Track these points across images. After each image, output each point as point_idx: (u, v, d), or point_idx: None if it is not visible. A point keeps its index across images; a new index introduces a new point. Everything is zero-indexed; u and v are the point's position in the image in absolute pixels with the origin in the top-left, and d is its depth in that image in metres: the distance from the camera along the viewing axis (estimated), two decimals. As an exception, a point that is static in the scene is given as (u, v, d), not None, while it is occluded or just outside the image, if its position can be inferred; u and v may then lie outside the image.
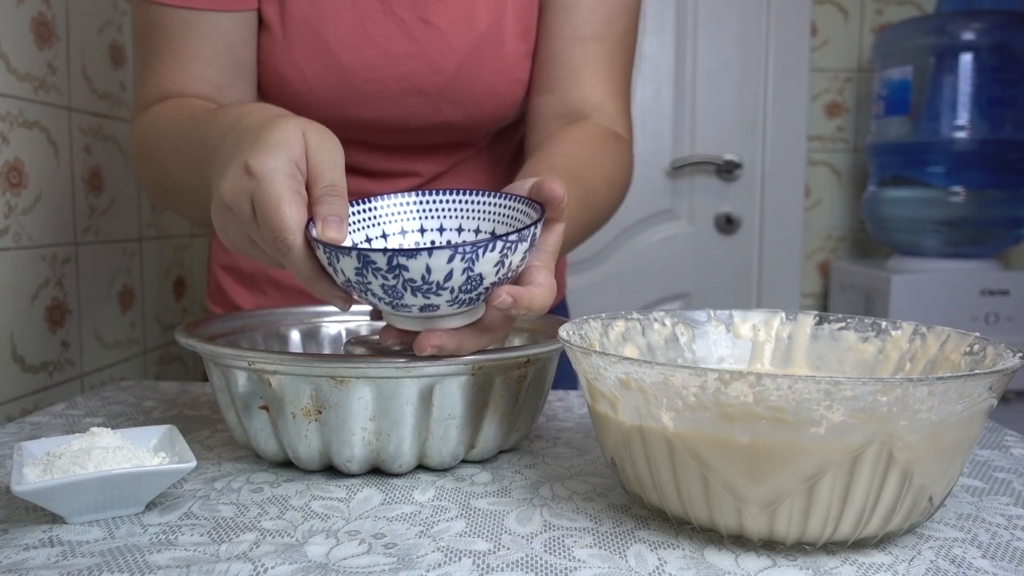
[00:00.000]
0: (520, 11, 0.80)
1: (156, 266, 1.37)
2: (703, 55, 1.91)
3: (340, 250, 0.47)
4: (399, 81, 0.78)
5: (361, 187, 0.84)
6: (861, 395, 0.39)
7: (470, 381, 0.55)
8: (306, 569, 0.42)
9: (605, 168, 0.77)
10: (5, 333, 0.96)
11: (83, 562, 0.43)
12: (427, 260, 0.45)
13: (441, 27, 0.78)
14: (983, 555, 0.45)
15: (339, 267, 0.48)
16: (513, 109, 0.84)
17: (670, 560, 0.43)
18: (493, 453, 0.59)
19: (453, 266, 0.46)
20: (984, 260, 1.74)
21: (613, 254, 1.94)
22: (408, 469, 0.56)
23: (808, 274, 2.04)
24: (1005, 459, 0.62)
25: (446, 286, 0.47)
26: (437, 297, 0.48)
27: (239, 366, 0.55)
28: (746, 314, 0.62)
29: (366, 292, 0.49)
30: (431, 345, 0.50)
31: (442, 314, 0.50)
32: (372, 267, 0.46)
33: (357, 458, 0.55)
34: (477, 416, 0.56)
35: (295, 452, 0.56)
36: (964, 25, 1.67)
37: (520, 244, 0.48)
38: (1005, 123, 1.68)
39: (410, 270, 0.46)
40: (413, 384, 0.53)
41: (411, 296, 0.48)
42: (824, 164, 2.02)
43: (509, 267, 0.48)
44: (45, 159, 1.04)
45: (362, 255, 0.46)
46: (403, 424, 0.54)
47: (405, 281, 0.46)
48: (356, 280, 0.48)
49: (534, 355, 0.57)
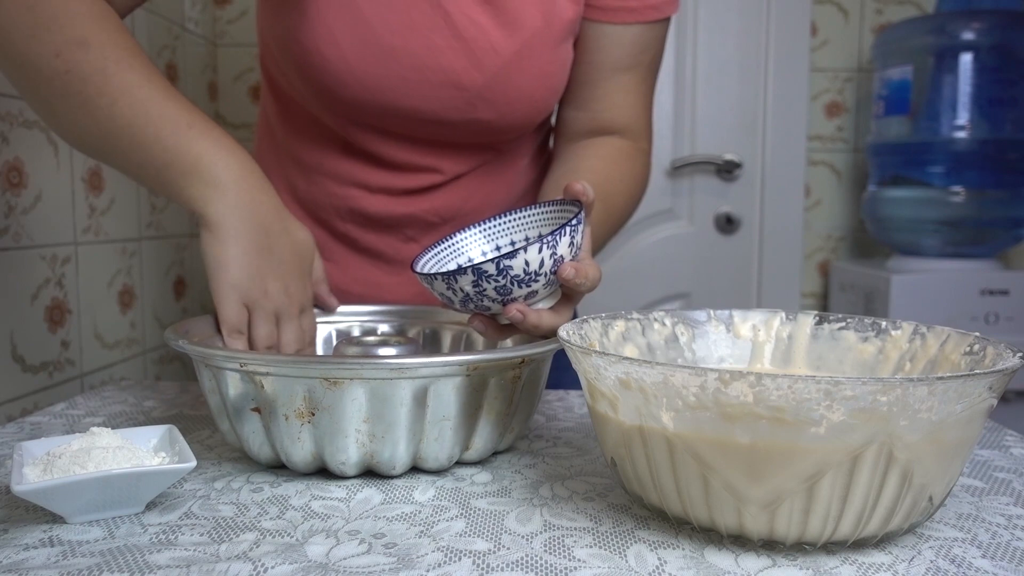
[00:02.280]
0: (566, 21, 0.81)
1: (156, 266, 1.37)
2: (703, 55, 1.91)
3: (457, 272, 0.57)
4: (438, 72, 0.78)
5: (381, 180, 0.84)
6: (861, 395, 0.39)
7: (465, 382, 0.55)
8: (306, 569, 0.42)
9: (625, 183, 0.83)
10: (5, 333, 0.96)
11: (83, 562, 0.43)
12: (524, 256, 0.56)
13: (487, 27, 0.78)
14: (983, 555, 0.45)
15: (458, 287, 0.58)
16: (542, 115, 0.85)
17: (670, 560, 0.43)
18: (487, 454, 0.59)
19: (543, 255, 0.57)
20: (984, 260, 1.73)
21: (613, 254, 1.94)
22: (403, 471, 0.56)
23: (808, 274, 2.04)
24: (1005, 459, 0.62)
25: (541, 272, 0.57)
26: (536, 283, 0.58)
27: (230, 368, 0.54)
28: (746, 314, 0.62)
29: (482, 299, 0.58)
30: (516, 309, 0.58)
31: (538, 298, 0.60)
32: (485, 275, 0.57)
33: (351, 461, 0.54)
34: (471, 417, 0.56)
35: (288, 455, 0.55)
36: (964, 25, 1.67)
37: (580, 225, 0.59)
38: (1005, 123, 1.68)
39: (514, 268, 0.56)
40: (407, 385, 0.53)
41: (518, 288, 0.58)
42: (824, 164, 2.02)
43: (577, 246, 0.59)
44: (45, 159, 1.04)
45: (476, 269, 0.56)
46: (397, 426, 0.54)
47: (512, 278, 0.57)
48: (474, 292, 0.58)
49: (528, 356, 0.57)
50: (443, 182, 0.85)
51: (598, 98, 0.86)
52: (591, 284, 0.60)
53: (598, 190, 0.76)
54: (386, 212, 0.85)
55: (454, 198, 0.85)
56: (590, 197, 0.61)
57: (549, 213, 0.65)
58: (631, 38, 0.84)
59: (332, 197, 0.85)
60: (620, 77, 0.85)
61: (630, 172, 0.85)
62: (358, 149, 0.83)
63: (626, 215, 0.85)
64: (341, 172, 0.84)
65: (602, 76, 0.85)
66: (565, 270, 0.58)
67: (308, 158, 0.85)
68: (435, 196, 0.85)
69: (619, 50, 0.84)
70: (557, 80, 0.83)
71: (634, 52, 0.85)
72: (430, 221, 0.86)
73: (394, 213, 0.85)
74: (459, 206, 0.86)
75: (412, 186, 0.84)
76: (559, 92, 0.85)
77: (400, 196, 0.84)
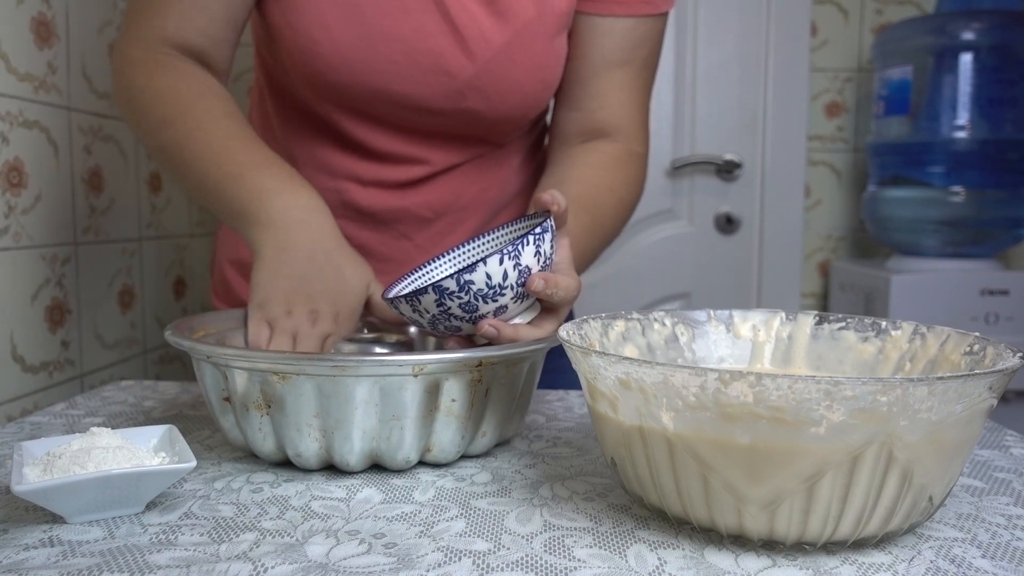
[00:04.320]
0: (559, 13, 0.81)
1: (156, 266, 1.37)
2: (703, 55, 1.91)
3: (419, 292, 0.56)
4: (428, 57, 0.78)
5: (372, 172, 0.84)
6: (861, 395, 0.39)
7: (413, 382, 0.54)
8: (306, 569, 0.42)
9: (615, 192, 0.82)
10: (5, 333, 0.96)
11: (83, 562, 0.43)
12: (485, 268, 0.55)
13: (479, 16, 0.78)
14: (983, 555, 0.45)
15: (422, 308, 0.57)
16: (536, 109, 0.84)
17: (670, 560, 0.43)
18: (454, 457, 0.59)
19: (505, 266, 0.55)
20: (984, 260, 1.73)
21: (613, 254, 1.94)
22: (360, 468, 0.57)
23: (808, 274, 2.04)
24: (1005, 459, 0.62)
25: (506, 284, 0.56)
26: (503, 297, 0.56)
27: (203, 360, 0.57)
28: (746, 314, 0.62)
29: (449, 318, 0.57)
30: (488, 324, 0.58)
31: (511, 314, 0.59)
32: (447, 293, 0.55)
33: (306, 454, 0.56)
34: (427, 418, 0.56)
35: (254, 446, 0.57)
36: (964, 25, 1.67)
37: (545, 234, 0.57)
38: (1005, 123, 1.68)
39: (476, 282, 0.55)
40: (354, 383, 0.53)
41: (483, 304, 0.56)
42: (824, 164, 2.01)
43: (545, 255, 0.58)
44: (45, 159, 1.04)
45: (437, 287, 0.55)
46: (347, 423, 0.54)
47: (475, 293, 0.56)
48: (438, 312, 0.57)
49: (486, 358, 0.56)
50: (433, 174, 0.84)
51: (591, 96, 0.85)
52: (565, 294, 0.59)
53: (586, 200, 0.77)
54: (379, 205, 0.85)
55: (446, 192, 0.85)
56: (561, 206, 0.60)
57: (521, 230, 0.64)
58: (622, 32, 0.83)
59: (326, 191, 0.85)
60: (612, 73, 0.84)
61: (621, 179, 0.84)
62: (349, 140, 0.83)
63: (618, 222, 0.84)
64: (334, 165, 0.84)
65: (594, 72, 0.84)
66: (534, 281, 0.57)
67: (301, 152, 0.85)
68: (427, 189, 0.85)
69: (609, 44, 0.83)
70: (550, 73, 0.83)
71: (626, 47, 0.84)
72: (423, 216, 0.85)
73: (387, 206, 0.85)
74: (451, 201, 0.86)
75: (403, 178, 0.84)
76: (552, 86, 0.84)
77: (392, 189, 0.84)
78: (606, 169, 0.82)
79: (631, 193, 0.85)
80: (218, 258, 0.94)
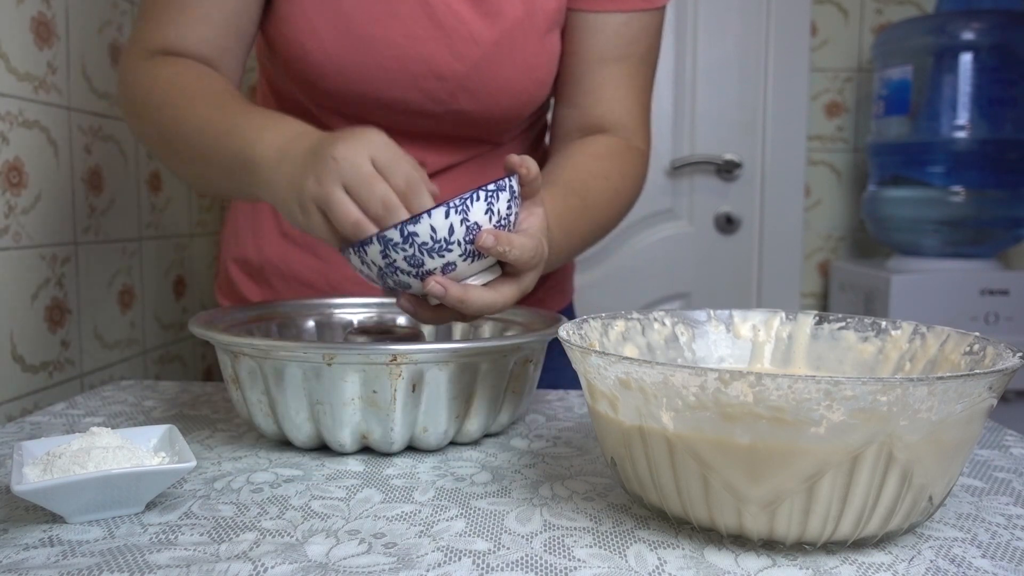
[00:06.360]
0: (549, 11, 0.80)
1: (156, 266, 1.37)
2: (703, 55, 1.91)
3: (364, 243, 0.54)
4: (419, 62, 0.77)
5: None
6: (861, 395, 0.39)
7: (325, 370, 0.57)
8: (306, 569, 0.42)
9: (610, 181, 0.80)
10: (5, 333, 0.96)
11: (83, 562, 0.43)
12: (430, 221, 0.53)
13: (468, 17, 0.78)
14: (983, 555, 0.45)
15: (369, 260, 0.55)
16: (529, 108, 0.84)
17: (670, 560, 0.43)
18: (398, 448, 0.61)
19: (451, 220, 0.53)
20: (984, 260, 1.73)
21: (613, 254, 1.94)
22: (310, 447, 0.61)
23: (808, 274, 2.04)
24: (1005, 459, 0.62)
25: (453, 240, 0.54)
26: (450, 253, 0.54)
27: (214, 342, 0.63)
28: (746, 314, 0.62)
29: (395, 272, 0.55)
30: (435, 281, 0.55)
31: (463, 274, 0.57)
32: (391, 244, 0.53)
33: (263, 428, 0.62)
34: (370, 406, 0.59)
35: (254, 420, 0.63)
36: (964, 25, 1.67)
37: (501, 192, 0.55)
38: (1005, 123, 1.68)
39: (419, 234, 0.53)
40: (296, 367, 0.58)
41: (430, 259, 0.54)
42: (824, 164, 2.01)
43: (499, 214, 0.56)
44: (45, 159, 1.04)
45: (381, 237, 0.53)
46: (292, 404, 0.59)
47: (420, 246, 0.54)
48: (385, 264, 0.55)
49: (399, 352, 0.56)
50: (431, 174, 0.84)
51: (586, 92, 0.84)
52: (520, 253, 0.56)
53: (578, 184, 0.76)
54: None
55: (445, 192, 0.85)
56: (530, 170, 0.58)
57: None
58: (615, 27, 0.82)
59: None
60: (608, 69, 0.83)
61: (618, 168, 0.81)
62: None
63: (612, 212, 0.81)
64: None
65: (589, 68, 0.83)
66: (482, 237, 0.54)
67: None
68: None
69: (602, 40, 0.82)
70: (543, 72, 0.82)
71: (619, 43, 0.83)
72: None
73: None
74: None
75: None
76: (546, 85, 0.84)
77: None
78: (601, 158, 0.81)
79: (627, 185, 0.83)
80: (223, 257, 0.94)
